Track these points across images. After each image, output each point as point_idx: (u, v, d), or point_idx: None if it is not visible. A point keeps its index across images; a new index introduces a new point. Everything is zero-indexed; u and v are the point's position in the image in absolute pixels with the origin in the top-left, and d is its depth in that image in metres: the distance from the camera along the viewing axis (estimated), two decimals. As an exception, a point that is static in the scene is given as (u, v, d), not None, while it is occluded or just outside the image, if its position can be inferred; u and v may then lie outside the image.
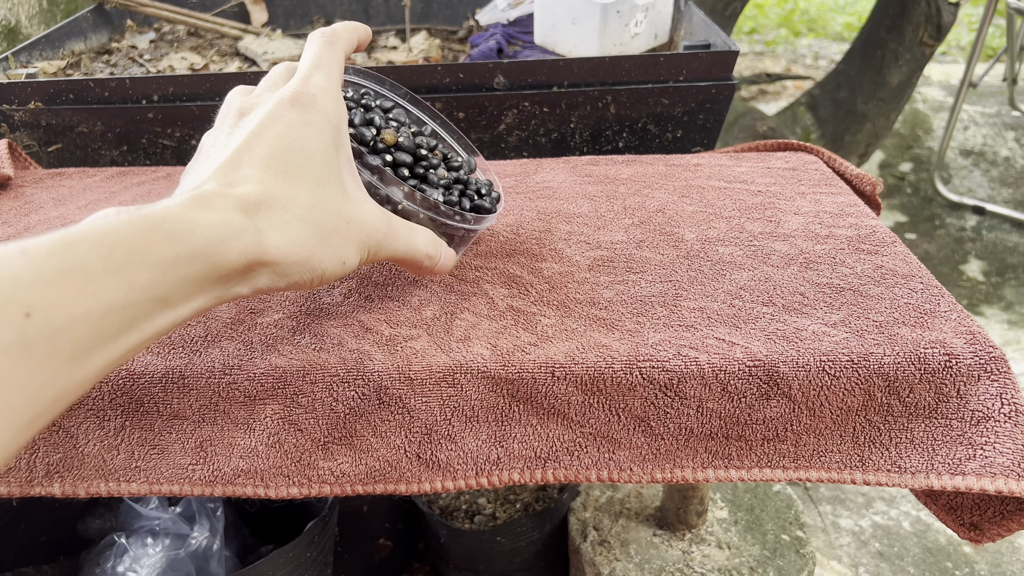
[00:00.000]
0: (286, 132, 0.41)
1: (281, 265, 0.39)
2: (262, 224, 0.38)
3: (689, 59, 0.81)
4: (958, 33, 3.73)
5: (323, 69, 0.45)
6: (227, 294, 0.38)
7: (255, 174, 0.39)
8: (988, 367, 0.46)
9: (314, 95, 0.43)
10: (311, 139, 0.41)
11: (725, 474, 0.49)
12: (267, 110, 0.41)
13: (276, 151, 0.40)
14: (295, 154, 0.40)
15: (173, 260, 0.34)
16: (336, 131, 0.43)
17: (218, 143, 0.42)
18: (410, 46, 1.09)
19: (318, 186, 0.41)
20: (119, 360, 0.33)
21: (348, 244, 0.42)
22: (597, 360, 0.47)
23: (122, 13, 1.17)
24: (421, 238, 0.47)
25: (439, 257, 0.49)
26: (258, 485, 0.49)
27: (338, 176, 0.43)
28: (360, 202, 0.44)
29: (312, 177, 0.41)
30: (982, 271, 2.11)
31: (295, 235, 0.39)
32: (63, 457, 0.49)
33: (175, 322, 0.35)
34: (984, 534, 0.50)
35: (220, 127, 0.44)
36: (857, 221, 0.62)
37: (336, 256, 0.41)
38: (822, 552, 1.26)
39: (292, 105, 0.42)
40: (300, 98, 0.42)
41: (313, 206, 0.40)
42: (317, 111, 0.42)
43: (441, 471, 0.49)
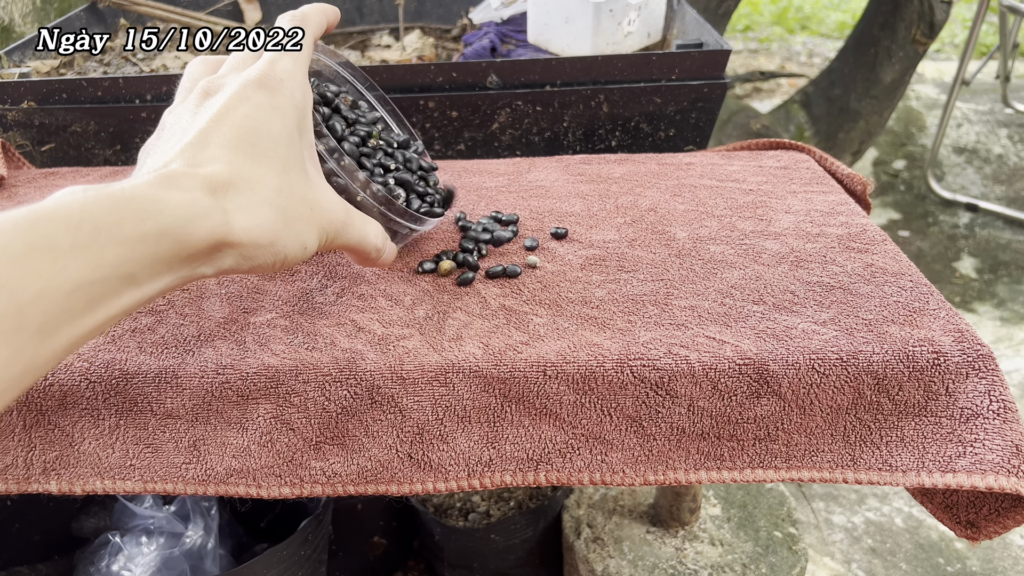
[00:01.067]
0: (253, 114, 0.40)
1: (247, 247, 0.39)
2: (229, 205, 0.38)
3: (681, 58, 0.82)
4: (951, 31, 3.74)
5: (290, 53, 0.44)
6: (193, 274, 0.38)
7: (223, 155, 0.39)
8: (976, 364, 0.46)
9: (281, 79, 0.43)
10: (277, 123, 0.41)
11: (718, 475, 0.49)
12: (233, 91, 0.41)
13: (243, 133, 0.40)
14: (262, 137, 0.40)
15: (141, 238, 0.34)
16: (301, 116, 0.43)
17: (182, 121, 0.42)
18: (403, 45, 1.09)
19: (284, 170, 0.41)
20: (85, 337, 0.34)
21: (310, 229, 0.42)
22: (589, 359, 0.47)
23: (115, 12, 1.17)
24: (373, 230, 0.48)
25: (385, 251, 0.50)
26: (250, 485, 0.49)
27: (302, 161, 0.43)
28: (321, 189, 0.44)
29: (278, 161, 0.41)
30: (975, 268, 2.12)
31: (262, 218, 0.39)
32: (59, 455, 0.50)
33: (141, 300, 0.35)
34: (980, 532, 0.50)
35: (183, 105, 0.43)
36: (848, 220, 0.62)
37: (299, 241, 0.42)
38: (815, 548, 1.27)
39: (259, 87, 0.41)
40: (267, 81, 0.42)
41: (280, 190, 0.40)
42: (284, 95, 0.42)
43: (433, 472, 0.49)
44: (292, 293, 0.55)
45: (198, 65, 0.46)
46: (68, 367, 0.48)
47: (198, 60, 0.47)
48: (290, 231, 0.41)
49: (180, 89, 0.45)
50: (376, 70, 0.82)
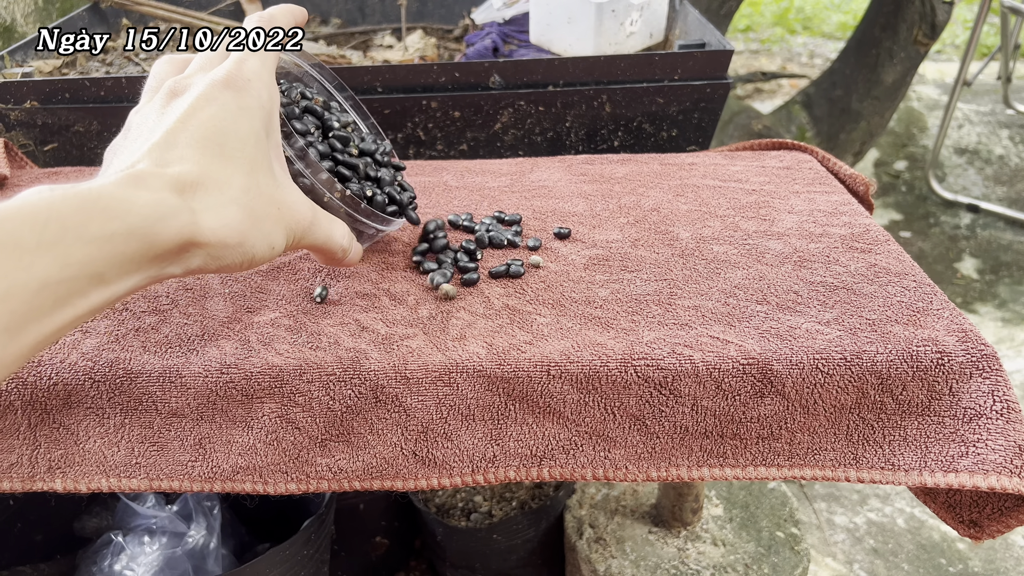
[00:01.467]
0: (220, 115, 0.40)
1: (214, 247, 0.39)
2: (197, 206, 0.38)
3: (684, 58, 0.82)
4: (952, 31, 3.74)
5: (259, 54, 0.44)
6: (160, 273, 0.38)
7: (190, 155, 0.39)
8: (980, 365, 0.46)
9: (248, 80, 0.43)
10: (244, 123, 0.41)
11: (720, 472, 0.50)
12: (200, 91, 0.41)
13: (211, 133, 0.40)
14: (229, 137, 0.40)
15: (108, 237, 0.34)
16: (268, 117, 0.43)
17: (148, 121, 0.41)
18: (406, 45, 1.10)
19: (252, 170, 0.41)
20: (53, 335, 0.34)
21: (278, 229, 0.42)
22: (592, 358, 0.47)
23: (117, 12, 1.17)
24: (339, 230, 0.48)
25: (351, 251, 0.50)
26: (256, 481, 0.49)
27: (269, 161, 0.43)
28: (288, 189, 0.44)
29: (246, 161, 0.41)
30: (976, 269, 2.12)
31: (229, 218, 0.39)
32: (64, 453, 0.50)
33: (109, 299, 0.35)
34: (984, 531, 0.50)
35: (150, 105, 0.43)
36: (851, 220, 0.62)
37: (267, 241, 0.42)
38: (817, 549, 1.27)
39: (226, 88, 0.41)
40: (234, 82, 0.42)
41: (248, 190, 0.40)
42: (251, 95, 0.42)
43: (437, 468, 0.49)
44: (295, 292, 0.55)
45: (164, 65, 0.46)
46: (72, 366, 0.48)
47: (164, 59, 0.46)
48: (258, 231, 0.41)
49: (146, 89, 0.45)
50: (378, 70, 0.82)
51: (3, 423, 0.49)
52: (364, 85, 0.82)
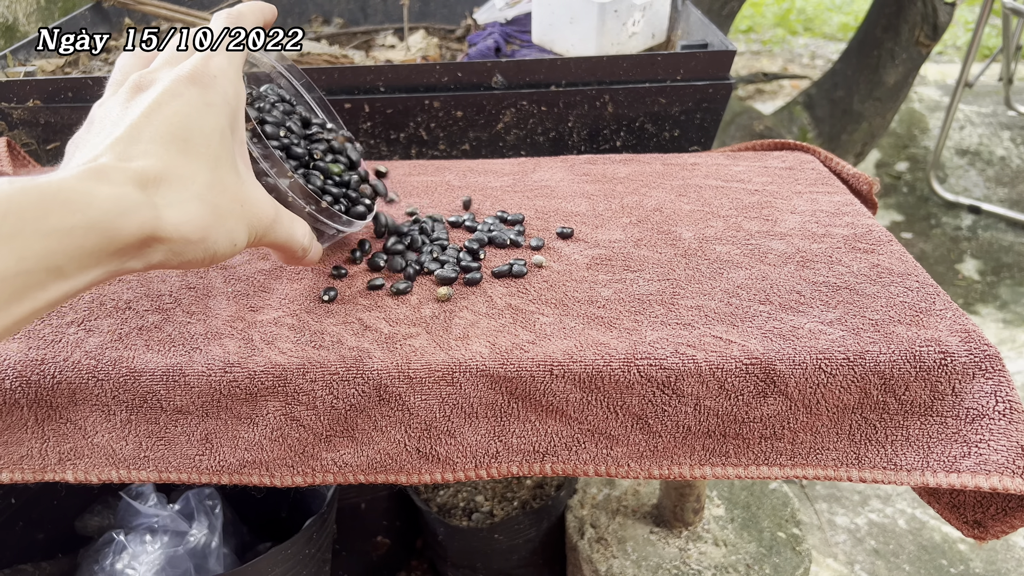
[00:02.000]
0: (185, 110, 0.40)
1: (176, 243, 0.39)
2: (159, 201, 0.38)
3: (686, 58, 0.82)
4: (954, 33, 3.74)
5: (225, 51, 0.44)
6: (121, 268, 0.38)
7: (154, 149, 0.38)
8: (983, 365, 0.46)
9: (214, 76, 0.42)
10: (209, 119, 0.41)
11: (723, 471, 0.50)
12: (165, 86, 0.41)
13: (175, 128, 0.40)
14: (194, 133, 0.40)
15: (68, 231, 0.34)
16: (233, 114, 0.43)
17: (112, 115, 0.41)
18: (408, 45, 1.10)
19: (215, 166, 0.41)
20: (10, 329, 0.33)
21: (240, 226, 0.42)
22: (595, 358, 0.47)
23: (120, 11, 1.17)
24: (300, 229, 0.48)
25: (311, 250, 0.50)
26: (263, 474, 0.49)
27: (233, 158, 0.43)
28: (252, 186, 0.44)
29: (210, 157, 0.41)
30: (978, 270, 2.12)
31: (192, 214, 0.39)
32: (73, 447, 0.50)
33: (68, 293, 0.35)
34: (987, 531, 0.50)
35: (113, 98, 0.43)
36: (853, 220, 0.62)
37: (229, 237, 0.42)
38: (818, 550, 1.27)
39: (191, 83, 0.41)
40: (200, 77, 0.42)
41: (211, 186, 0.40)
42: (216, 91, 0.42)
43: (440, 463, 0.49)
44: (299, 291, 0.55)
45: (130, 59, 0.46)
46: (75, 365, 0.48)
47: (130, 54, 0.46)
48: (220, 227, 0.41)
49: (111, 82, 0.44)
50: (381, 70, 0.82)
51: (10, 419, 0.49)
52: (366, 85, 0.82)
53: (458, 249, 0.59)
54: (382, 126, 0.85)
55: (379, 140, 0.86)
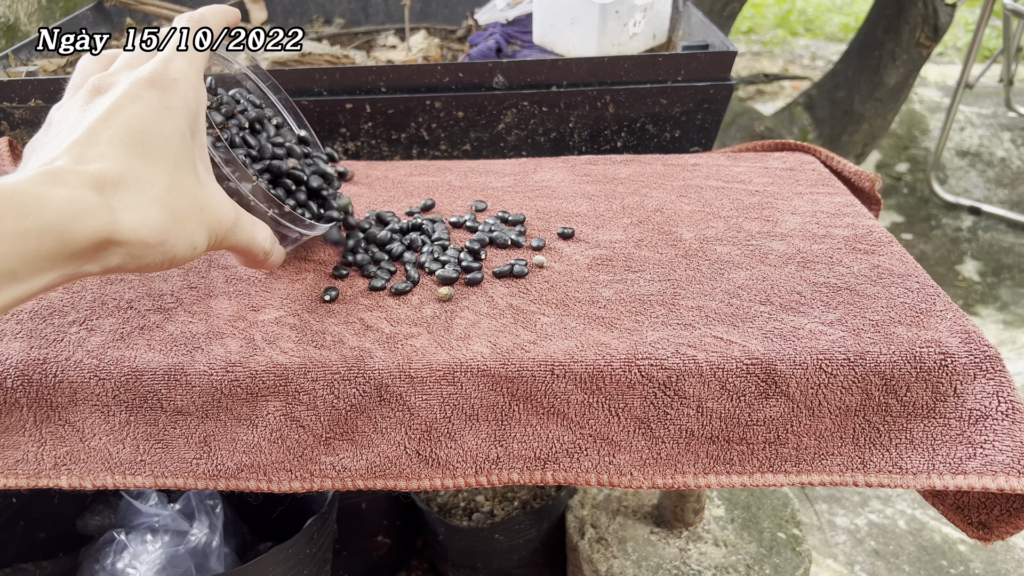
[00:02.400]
0: (144, 113, 0.40)
1: (134, 246, 0.38)
2: (117, 204, 0.37)
3: (687, 59, 0.82)
4: (955, 34, 3.74)
5: (186, 54, 0.44)
6: (78, 271, 0.37)
7: (112, 152, 0.38)
8: (983, 366, 0.47)
9: (175, 79, 0.42)
10: (169, 122, 0.41)
11: (728, 480, 0.49)
12: (124, 89, 0.41)
13: (134, 131, 0.39)
14: (153, 136, 0.40)
15: (21, 234, 0.33)
16: (194, 117, 0.43)
17: (70, 118, 0.41)
18: (409, 45, 1.10)
19: (175, 170, 0.41)
20: None
21: (200, 230, 0.42)
22: (596, 358, 0.47)
23: (121, 11, 1.17)
24: (262, 233, 0.48)
25: (273, 253, 0.50)
26: (261, 480, 0.49)
27: (193, 162, 0.43)
28: (212, 189, 0.44)
29: (170, 160, 0.41)
30: (978, 271, 2.12)
31: (152, 217, 0.39)
32: (69, 450, 0.50)
33: (21, 296, 0.35)
34: (992, 532, 0.50)
35: (72, 101, 0.42)
36: (854, 221, 0.62)
37: (189, 241, 0.42)
38: (818, 550, 1.27)
39: (150, 86, 0.41)
40: (159, 80, 0.42)
41: (171, 190, 0.40)
42: (176, 95, 0.42)
43: (441, 468, 0.49)
44: (300, 291, 0.55)
45: (90, 61, 0.45)
46: (77, 364, 0.48)
47: (90, 56, 0.46)
48: (180, 231, 0.41)
49: (70, 85, 0.44)
50: (382, 70, 0.82)
51: (9, 420, 0.49)
52: (368, 85, 0.83)
53: (459, 249, 0.59)
54: (383, 126, 0.85)
55: (380, 140, 0.86)
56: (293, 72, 0.82)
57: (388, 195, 0.71)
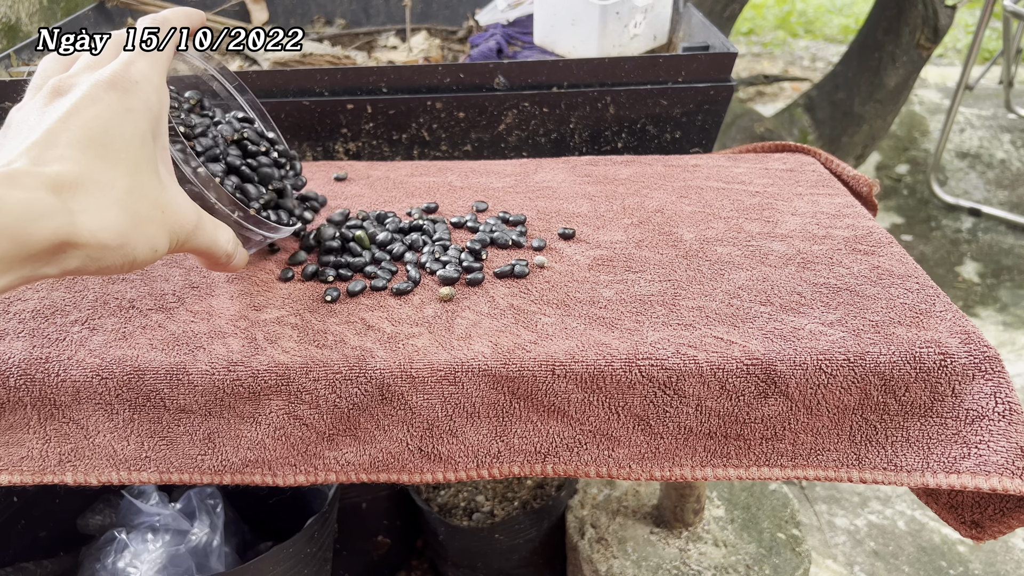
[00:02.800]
0: (104, 115, 0.40)
1: (93, 248, 0.38)
2: (76, 206, 0.37)
3: (688, 60, 0.82)
4: (954, 36, 3.74)
5: (148, 56, 0.44)
6: (34, 274, 0.37)
7: (71, 154, 0.38)
8: (982, 366, 0.47)
9: (136, 81, 0.42)
10: (129, 124, 0.41)
11: (724, 472, 0.50)
12: (84, 91, 0.40)
13: (93, 133, 0.39)
14: (113, 138, 0.40)
15: None
16: (156, 120, 0.43)
17: (29, 120, 0.41)
18: (410, 46, 1.10)
19: (136, 172, 0.41)
20: None
21: (161, 232, 0.42)
22: (597, 358, 0.48)
23: (123, 11, 1.17)
24: (224, 236, 0.48)
25: (235, 256, 0.50)
26: (266, 474, 0.50)
27: (154, 164, 0.43)
28: (173, 192, 0.44)
29: (130, 163, 0.40)
30: (978, 273, 2.12)
31: (111, 220, 0.39)
32: (74, 447, 0.50)
33: None
34: (985, 531, 0.50)
35: (32, 103, 0.42)
36: (854, 222, 0.63)
37: (149, 243, 0.41)
38: (818, 551, 1.27)
39: (111, 88, 0.41)
40: (120, 82, 0.41)
41: (131, 192, 0.40)
42: (138, 97, 0.42)
43: (442, 463, 0.49)
44: (301, 291, 0.55)
45: (51, 62, 0.45)
46: (80, 363, 0.49)
47: (51, 57, 0.46)
48: (140, 233, 0.41)
49: (31, 87, 0.44)
50: (383, 71, 0.82)
51: (13, 418, 0.50)
52: (369, 86, 0.83)
53: (460, 250, 0.60)
54: (384, 127, 0.85)
55: (381, 141, 0.87)
56: (294, 72, 0.82)
57: (389, 195, 0.71)
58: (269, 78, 0.82)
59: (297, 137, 0.86)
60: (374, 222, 0.64)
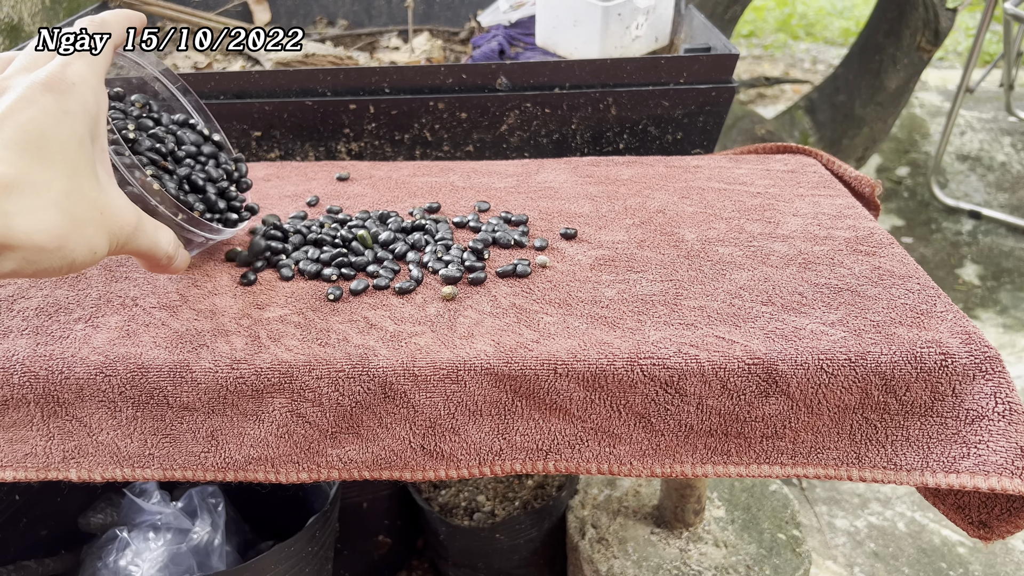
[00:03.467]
0: (40, 117, 0.40)
1: (29, 251, 0.38)
2: (11, 208, 0.37)
3: (689, 62, 0.82)
4: (955, 38, 3.75)
5: (86, 57, 0.44)
6: None
7: (6, 156, 0.38)
8: (983, 367, 0.47)
9: (73, 83, 0.42)
10: (66, 126, 0.41)
11: (724, 470, 0.50)
12: (20, 93, 0.40)
13: (29, 135, 0.39)
14: (50, 140, 0.40)
15: None
16: (93, 121, 0.43)
17: None
18: (412, 47, 1.10)
19: (73, 174, 0.40)
20: None
21: (100, 234, 0.42)
22: (599, 357, 0.48)
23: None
24: (164, 237, 0.48)
25: (177, 258, 0.50)
26: (269, 471, 0.50)
27: (93, 166, 0.42)
28: (112, 194, 0.44)
29: (68, 165, 0.40)
30: (978, 275, 2.13)
31: (47, 222, 0.39)
32: (78, 444, 0.50)
33: None
34: (993, 532, 0.51)
35: None
36: (855, 223, 0.63)
37: (88, 245, 0.41)
38: (818, 552, 1.27)
39: (47, 90, 0.41)
40: (56, 84, 0.41)
41: (69, 194, 0.40)
42: (75, 99, 0.41)
43: (444, 461, 0.50)
44: (304, 290, 0.56)
45: None
46: (83, 361, 0.49)
47: None
48: (78, 236, 0.40)
49: None
50: (386, 71, 0.82)
51: (17, 415, 0.50)
52: (372, 86, 0.83)
53: (463, 249, 0.60)
54: (387, 127, 0.85)
55: (384, 141, 0.87)
56: (297, 73, 0.82)
57: (392, 195, 0.71)
58: (272, 78, 0.83)
59: (300, 137, 0.86)
60: (376, 221, 0.64)
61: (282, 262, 0.58)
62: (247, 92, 0.84)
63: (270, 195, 0.72)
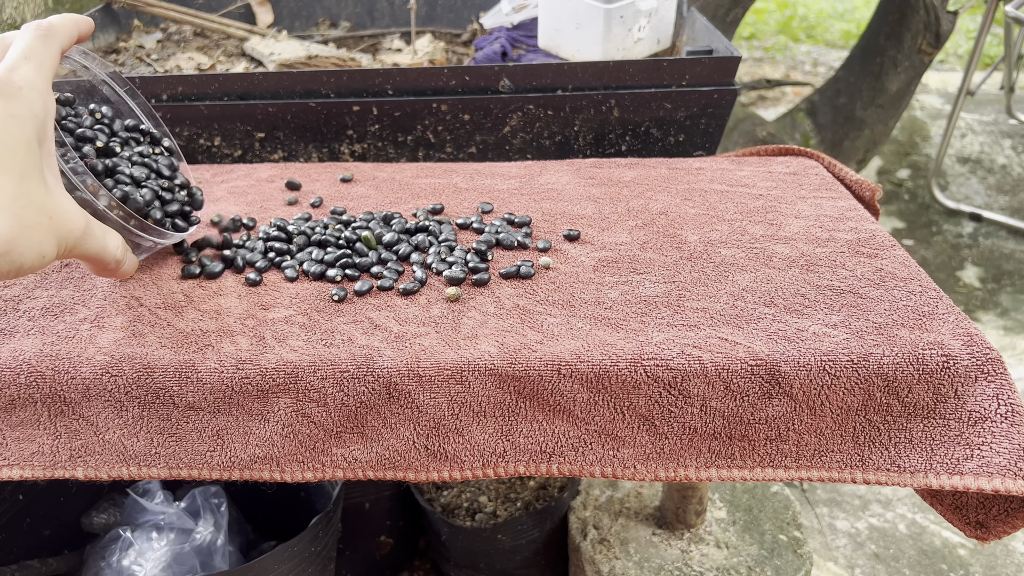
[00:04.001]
0: None
1: None
2: None
3: (692, 64, 0.82)
4: (956, 41, 3.75)
5: (33, 61, 0.44)
6: None
7: None
8: (985, 368, 0.47)
9: (20, 87, 0.42)
10: (14, 131, 0.41)
11: (728, 473, 0.50)
12: None
13: None
14: None
15: None
16: (41, 125, 0.43)
17: None
18: (414, 49, 1.10)
19: (21, 178, 0.41)
20: None
21: (48, 239, 0.42)
22: (602, 358, 0.48)
23: (129, 13, 1.18)
24: (113, 242, 0.48)
25: (125, 262, 0.50)
26: (274, 470, 0.50)
27: (40, 170, 0.42)
28: (60, 198, 0.44)
29: (15, 169, 0.40)
30: (978, 277, 2.13)
31: None
32: (84, 443, 0.50)
33: None
34: (990, 532, 0.51)
35: None
36: (857, 225, 0.63)
37: (36, 250, 0.41)
38: (819, 553, 1.27)
39: None
40: (3, 88, 0.41)
41: (17, 198, 0.40)
42: (22, 103, 0.41)
43: (448, 462, 0.50)
44: (308, 290, 0.56)
45: None
46: (89, 361, 0.49)
47: None
48: (27, 240, 0.41)
49: None
50: (389, 73, 0.83)
51: (24, 414, 0.50)
52: (375, 88, 0.83)
53: (466, 250, 0.60)
54: (390, 129, 0.86)
55: (387, 142, 0.87)
56: (300, 74, 0.83)
57: (395, 196, 0.71)
58: (275, 80, 0.83)
59: (303, 139, 0.87)
60: (380, 223, 0.64)
61: (286, 263, 0.58)
62: (250, 94, 0.84)
63: (272, 196, 0.72)
